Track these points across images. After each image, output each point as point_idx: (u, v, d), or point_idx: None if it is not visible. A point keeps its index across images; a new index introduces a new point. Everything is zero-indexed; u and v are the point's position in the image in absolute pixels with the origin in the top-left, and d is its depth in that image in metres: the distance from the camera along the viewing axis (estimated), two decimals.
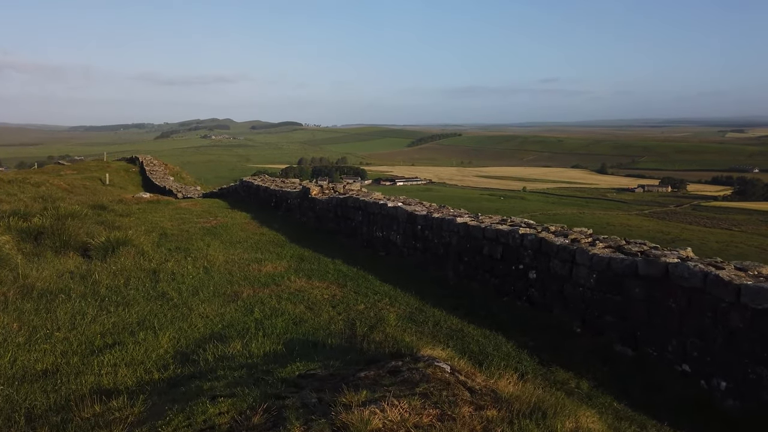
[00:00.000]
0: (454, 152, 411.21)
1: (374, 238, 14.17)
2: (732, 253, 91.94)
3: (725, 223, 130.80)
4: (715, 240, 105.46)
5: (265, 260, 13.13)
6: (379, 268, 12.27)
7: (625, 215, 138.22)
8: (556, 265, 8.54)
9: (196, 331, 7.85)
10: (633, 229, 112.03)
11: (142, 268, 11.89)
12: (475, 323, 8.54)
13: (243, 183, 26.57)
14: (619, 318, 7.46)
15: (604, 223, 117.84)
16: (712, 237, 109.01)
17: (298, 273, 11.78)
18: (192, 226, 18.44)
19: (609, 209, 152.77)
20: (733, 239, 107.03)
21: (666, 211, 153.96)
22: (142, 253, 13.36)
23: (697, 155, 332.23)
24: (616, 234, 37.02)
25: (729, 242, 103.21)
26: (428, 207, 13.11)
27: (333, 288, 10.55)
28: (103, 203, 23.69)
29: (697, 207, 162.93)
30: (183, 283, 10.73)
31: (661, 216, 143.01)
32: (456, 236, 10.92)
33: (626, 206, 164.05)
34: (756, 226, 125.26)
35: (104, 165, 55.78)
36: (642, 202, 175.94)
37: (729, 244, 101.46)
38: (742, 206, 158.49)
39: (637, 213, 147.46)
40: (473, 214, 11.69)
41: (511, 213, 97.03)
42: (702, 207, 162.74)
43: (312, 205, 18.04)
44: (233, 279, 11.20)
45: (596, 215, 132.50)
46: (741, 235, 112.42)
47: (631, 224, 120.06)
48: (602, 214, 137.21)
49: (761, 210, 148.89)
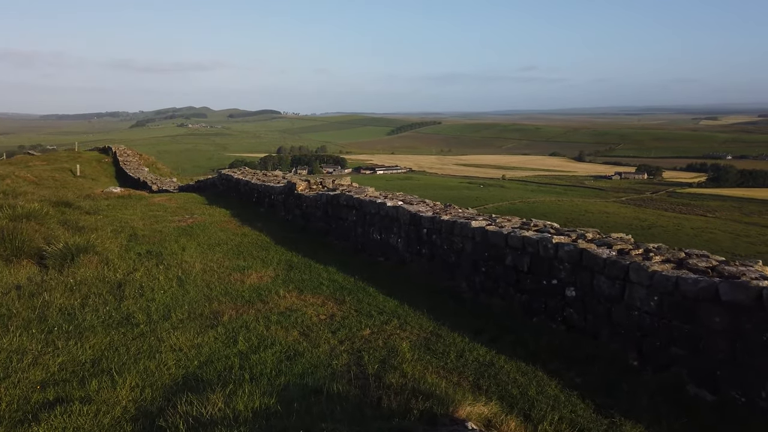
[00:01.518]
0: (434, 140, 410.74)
1: (370, 241, 12.66)
2: (705, 239, 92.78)
3: (700, 209, 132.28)
4: (690, 226, 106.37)
5: (248, 268, 11.54)
6: (379, 277, 10.75)
7: (603, 203, 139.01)
8: (602, 282, 7.12)
9: (165, 373, 6.28)
10: (611, 216, 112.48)
11: (105, 281, 10.23)
12: (505, 353, 7.10)
13: (222, 176, 24.77)
14: (689, 351, 6.07)
15: (583, 211, 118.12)
16: (688, 223, 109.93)
17: (288, 284, 10.22)
18: (166, 225, 16.73)
19: (587, 197, 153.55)
20: (707, 225, 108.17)
21: (642, 198, 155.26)
22: (107, 261, 11.66)
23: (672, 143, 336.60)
24: (594, 221, 36.12)
25: (704, 228, 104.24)
26: (433, 206, 11.62)
27: (330, 305, 9.02)
28: (68, 199, 21.76)
29: (673, 194, 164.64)
30: (153, 301, 9.12)
31: (638, 203, 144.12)
32: (471, 242, 9.45)
33: (604, 193, 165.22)
34: (730, 212, 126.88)
35: (75, 155, 53.34)
36: (619, 189, 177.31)
37: (704, 230, 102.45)
38: (716, 192, 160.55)
39: (615, 200, 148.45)
40: (487, 216, 10.23)
41: (491, 201, 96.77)
42: (677, 194, 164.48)
43: (298, 201, 16.44)
44: (212, 294, 9.60)
45: (575, 203, 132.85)
46: (716, 221, 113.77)
47: (609, 211, 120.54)
48: (580, 201, 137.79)
49: (734, 196, 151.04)
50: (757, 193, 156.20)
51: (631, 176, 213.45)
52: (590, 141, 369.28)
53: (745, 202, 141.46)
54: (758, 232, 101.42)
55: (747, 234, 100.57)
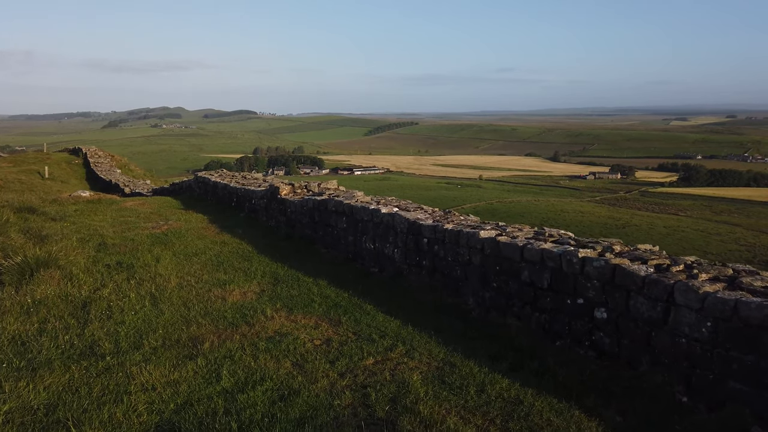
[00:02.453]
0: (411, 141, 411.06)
1: (363, 250, 11.68)
2: (678, 237, 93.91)
3: (672, 208, 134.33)
4: (663, 225, 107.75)
5: (230, 282, 10.47)
6: (375, 292, 9.78)
7: (578, 202, 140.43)
8: (640, 304, 6.25)
9: (135, 421, 5.21)
10: (586, 216, 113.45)
11: (68, 300, 9.09)
12: (531, 385, 6.19)
13: (198, 179, 23.51)
14: (752, 386, 5.23)
15: (559, 210, 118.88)
16: (660, 222, 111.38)
17: (275, 302, 9.18)
18: (138, 233, 15.54)
19: (562, 196, 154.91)
20: (680, 224, 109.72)
21: (616, 197, 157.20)
22: (71, 276, 10.49)
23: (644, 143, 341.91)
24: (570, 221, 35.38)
25: (676, 227, 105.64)
26: (432, 213, 10.68)
27: (324, 327, 8.01)
28: (32, 204, 20.33)
29: (645, 193, 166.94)
30: (122, 324, 8.02)
31: (612, 202, 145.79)
32: (479, 254, 8.52)
33: (579, 193, 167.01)
34: (700, 211, 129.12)
35: (44, 157, 51.34)
36: (593, 189, 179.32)
37: (676, 229, 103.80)
38: (688, 192, 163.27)
39: (589, 200, 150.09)
40: (494, 224, 9.32)
41: (468, 201, 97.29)
42: (650, 193, 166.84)
43: (282, 207, 15.36)
44: (190, 314, 8.52)
45: (551, 202, 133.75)
46: (687, 220, 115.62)
47: (584, 211, 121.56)
48: (556, 201, 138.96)
49: (705, 195, 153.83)
50: (727, 192, 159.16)
51: (605, 176, 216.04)
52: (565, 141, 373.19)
53: (715, 201, 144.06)
54: (728, 231, 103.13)
55: (718, 232, 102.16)
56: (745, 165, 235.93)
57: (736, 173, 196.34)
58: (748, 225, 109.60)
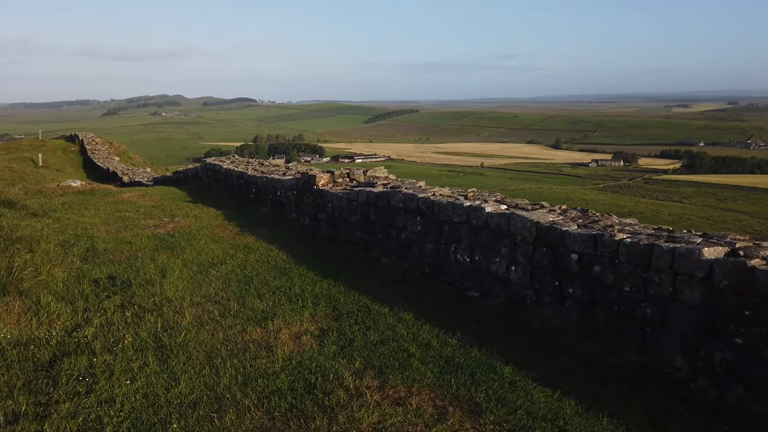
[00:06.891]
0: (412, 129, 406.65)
1: (449, 264, 8.34)
2: (683, 225, 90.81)
3: (676, 195, 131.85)
4: (668, 213, 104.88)
5: (271, 315, 7.14)
6: (501, 338, 6.40)
7: (582, 190, 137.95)
8: None
9: None
10: (590, 204, 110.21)
11: (25, 358, 5.79)
12: None
13: (207, 165, 20.05)
14: None
15: (563, 198, 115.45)
16: (665, 210, 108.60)
17: (351, 356, 5.85)
18: (137, 233, 12.26)
19: (565, 184, 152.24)
20: (684, 212, 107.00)
21: (619, 185, 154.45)
22: (38, 308, 7.16)
23: (646, 130, 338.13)
24: None
25: (681, 215, 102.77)
26: (563, 213, 7.34)
27: (454, 415, 4.67)
28: (10, 197, 16.99)
29: (649, 180, 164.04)
30: (110, 406, 4.72)
31: (615, 190, 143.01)
32: (699, 287, 5.16)
33: (581, 181, 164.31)
34: (705, 198, 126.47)
35: (39, 144, 48.09)
36: (596, 176, 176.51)
37: (682, 216, 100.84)
38: (691, 179, 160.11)
39: (592, 187, 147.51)
40: (704, 234, 5.99)
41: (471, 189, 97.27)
42: (653, 180, 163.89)
43: (319, 201, 11.99)
44: (220, 385, 5.21)
45: (554, 190, 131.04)
46: (692, 208, 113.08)
47: (588, 198, 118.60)
48: (559, 188, 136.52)
49: (709, 183, 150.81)
50: (731, 179, 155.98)
51: (607, 163, 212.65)
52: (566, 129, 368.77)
53: (720, 189, 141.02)
54: (734, 218, 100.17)
55: (723, 220, 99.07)
56: (748, 152, 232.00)
57: (739, 160, 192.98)
58: (753, 212, 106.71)
